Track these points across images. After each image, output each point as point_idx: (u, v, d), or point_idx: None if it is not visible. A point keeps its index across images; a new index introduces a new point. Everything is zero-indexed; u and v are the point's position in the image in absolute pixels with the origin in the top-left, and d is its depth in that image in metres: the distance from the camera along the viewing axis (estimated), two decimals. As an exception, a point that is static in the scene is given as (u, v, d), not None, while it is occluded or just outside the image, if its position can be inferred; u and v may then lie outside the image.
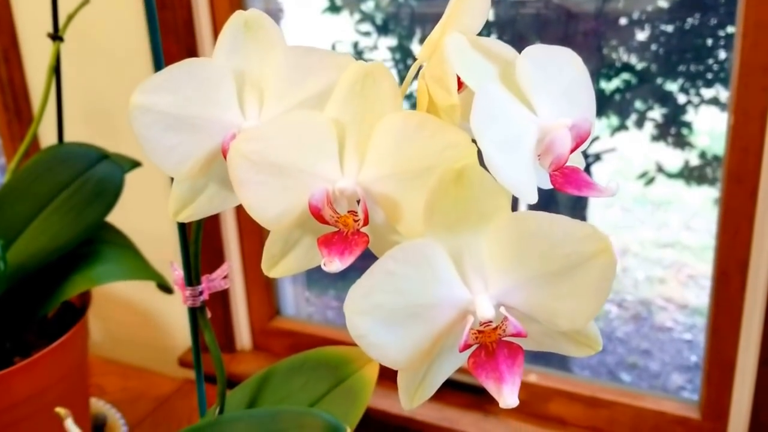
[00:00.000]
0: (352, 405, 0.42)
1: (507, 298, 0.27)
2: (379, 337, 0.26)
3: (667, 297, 2.42)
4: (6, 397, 0.58)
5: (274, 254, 0.32)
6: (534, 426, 0.81)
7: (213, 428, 0.41)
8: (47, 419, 0.63)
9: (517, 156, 0.27)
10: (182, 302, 0.43)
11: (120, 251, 0.67)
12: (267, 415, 0.41)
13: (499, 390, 0.26)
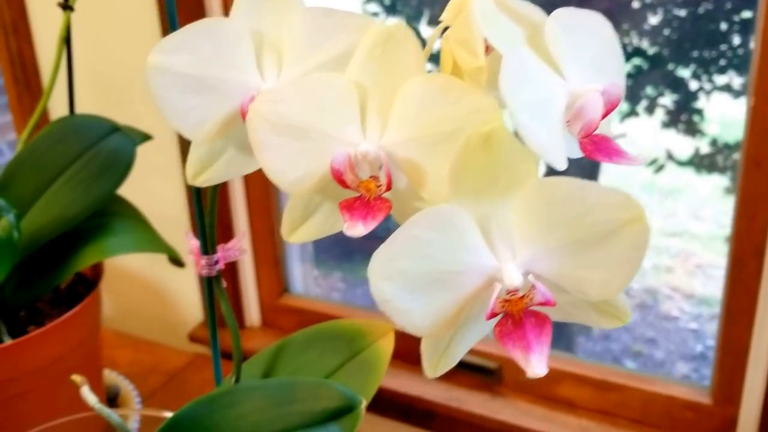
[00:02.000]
0: (368, 377, 0.42)
1: (535, 267, 0.26)
2: (404, 303, 0.25)
3: (674, 286, 2.41)
4: (21, 364, 0.58)
5: (294, 219, 0.31)
6: (542, 408, 0.80)
7: (229, 397, 0.40)
8: (62, 388, 0.62)
9: (547, 120, 0.26)
10: (197, 272, 0.43)
11: (131, 223, 0.66)
12: (282, 386, 0.41)
13: (527, 359, 0.25)
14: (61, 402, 0.62)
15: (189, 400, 0.59)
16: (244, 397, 0.41)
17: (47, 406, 0.62)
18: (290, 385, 0.41)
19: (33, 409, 0.61)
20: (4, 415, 0.60)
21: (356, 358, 0.43)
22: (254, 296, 0.99)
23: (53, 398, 0.62)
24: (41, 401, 0.62)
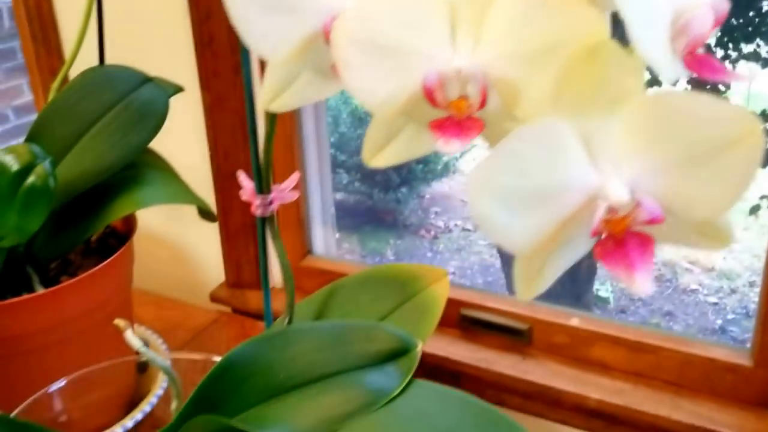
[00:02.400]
0: (422, 321, 0.42)
1: (640, 184, 0.25)
2: (502, 221, 0.25)
3: (693, 259, 2.41)
4: (54, 315, 0.58)
5: (376, 142, 0.30)
6: (574, 369, 0.80)
7: (283, 337, 0.40)
8: (93, 339, 0.63)
9: (657, 31, 0.25)
10: (252, 211, 0.42)
11: (163, 175, 0.66)
12: (336, 327, 0.41)
13: (631, 278, 0.25)
14: (93, 353, 0.62)
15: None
16: (297, 338, 0.41)
17: (78, 356, 0.62)
18: (344, 327, 0.41)
19: (64, 359, 0.61)
20: (34, 365, 0.60)
21: (410, 301, 0.43)
22: (276, 258, 0.99)
23: (84, 349, 0.62)
24: (72, 352, 0.62)
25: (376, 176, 2.83)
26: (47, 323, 0.59)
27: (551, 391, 0.78)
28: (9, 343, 0.58)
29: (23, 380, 0.60)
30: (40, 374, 0.60)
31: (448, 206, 2.90)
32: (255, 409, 0.40)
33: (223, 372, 0.40)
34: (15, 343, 0.59)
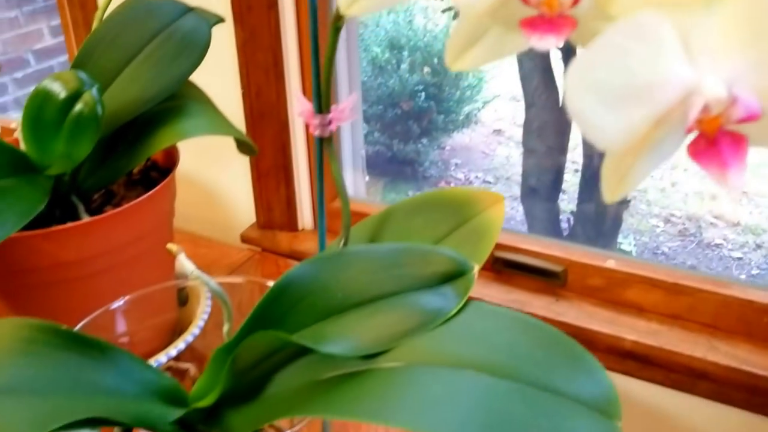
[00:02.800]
0: (478, 245, 0.42)
1: (736, 81, 0.25)
2: (596, 116, 0.25)
3: (718, 214, 2.41)
4: (98, 244, 0.59)
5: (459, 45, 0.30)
6: (608, 312, 0.81)
7: (338, 259, 0.41)
8: (140, 267, 0.64)
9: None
10: (311, 131, 0.43)
11: (203, 107, 0.66)
12: (391, 250, 0.41)
13: (724, 176, 0.25)
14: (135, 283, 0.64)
15: (252, 294, 0.60)
16: (352, 259, 0.42)
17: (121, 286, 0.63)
18: (399, 249, 0.42)
19: (107, 288, 0.63)
20: (78, 292, 0.62)
21: (465, 226, 0.43)
22: (308, 200, 1.00)
23: (127, 279, 0.64)
24: (115, 281, 0.63)
25: (396, 127, 2.82)
26: (92, 252, 0.60)
27: (585, 332, 0.79)
28: (55, 270, 0.60)
29: (68, 307, 0.61)
30: (84, 302, 0.62)
31: (468, 158, 2.89)
32: (313, 327, 0.41)
33: (281, 291, 0.41)
34: (61, 270, 0.60)
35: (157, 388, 0.42)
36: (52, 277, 0.60)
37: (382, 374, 0.37)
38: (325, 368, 0.40)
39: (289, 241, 0.99)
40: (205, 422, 0.43)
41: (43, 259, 0.58)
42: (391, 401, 0.35)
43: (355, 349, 0.38)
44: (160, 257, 0.67)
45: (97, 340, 0.41)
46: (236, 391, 0.42)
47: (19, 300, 0.62)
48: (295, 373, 0.42)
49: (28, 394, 0.37)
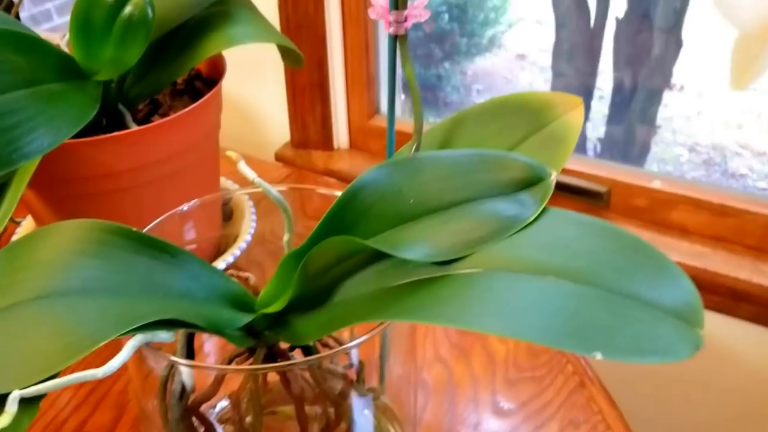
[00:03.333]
0: (555, 151, 0.41)
1: None
2: None
3: (744, 143, 2.37)
4: (150, 153, 0.58)
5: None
6: (652, 233, 0.81)
7: (411, 164, 0.40)
8: (187, 179, 0.63)
9: None
10: (385, 29, 0.41)
11: (250, 14, 0.64)
12: (465, 156, 0.40)
13: None
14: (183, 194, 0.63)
15: (294, 207, 0.59)
16: (425, 165, 0.41)
17: (169, 197, 0.63)
18: (473, 155, 0.41)
19: (155, 199, 0.62)
20: (125, 204, 0.62)
21: (542, 131, 0.42)
22: (344, 118, 0.99)
23: (175, 191, 0.63)
24: (163, 192, 0.63)
25: (418, 50, 2.77)
26: (142, 161, 0.59)
27: (627, 253, 0.78)
28: (104, 180, 0.59)
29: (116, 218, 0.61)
30: (132, 213, 0.62)
31: (490, 83, 2.84)
32: (384, 234, 0.40)
33: (352, 197, 0.40)
34: (110, 180, 0.60)
35: (225, 294, 0.42)
36: (101, 187, 0.60)
37: (460, 279, 0.37)
38: (397, 275, 0.40)
39: (324, 160, 0.98)
40: (271, 328, 0.43)
41: (93, 169, 0.58)
42: (471, 305, 0.35)
43: (431, 255, 0.38)
44: (207, 170, 0.66)
45: (168, 243, 0.40)
46: (304, 297, 0.42)
47: (66, 210, 0.62)
48: (365, 281, 0.41)
49: (103, 295, 0.37)
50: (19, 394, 0.32)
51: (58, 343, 0.34)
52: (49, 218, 0.63)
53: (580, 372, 0.62)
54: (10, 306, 0.35)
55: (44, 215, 0.63)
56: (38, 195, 0.61)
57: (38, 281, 0.36)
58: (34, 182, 0.51)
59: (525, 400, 0.60)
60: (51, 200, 0.61)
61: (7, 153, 0.45)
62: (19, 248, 0.39)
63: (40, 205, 0.62)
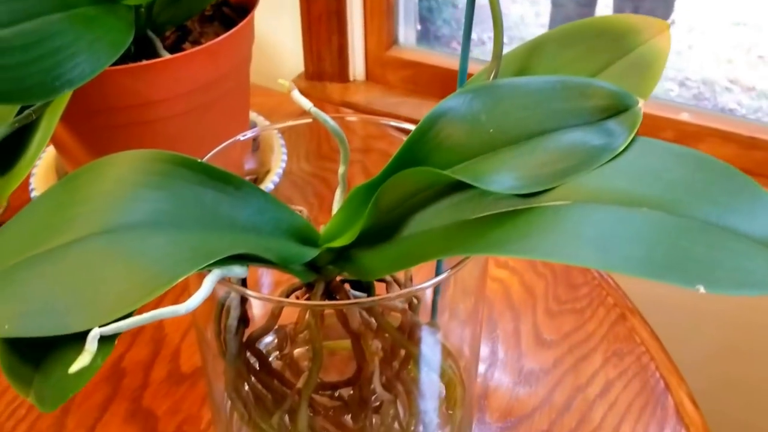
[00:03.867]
0: (641, 78, 0.38)
1: None
2: None
3: (733, 78, 2.35)
4: (182, 82, 0.55)
5: None
6: (678, 166, 0.79)
7: (490, 91, 0.37)
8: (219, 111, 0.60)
9: None
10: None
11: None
12: (546, 83, 0.37)
13: None
14: (215, 128, 0.60)
15: (319, 139, 0.57)
16: (504, 93, 0.38)
17: (201, 129, 0.60)
18: (554, 82, 0.38)
19: (185, 132, 0.59)
20: (159, 136, 0.58)
21: (626, 57, 0.39)
22: (361, 48, 0.95)
23: (208, 123, 0.60)
24: (194, 125, 0.59)
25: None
26: (175, 91, 0.56)
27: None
28: (136, 111, 0.56)
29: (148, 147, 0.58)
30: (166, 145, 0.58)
31: (482, 17, 2.78)
32: (463, 165, 0.38)
33: (428, 127, 0.37)
34: (143, 111, 0.56)
35: (289, 228, 0.40)
36: (133, 118, 0.56)
37: (549, 212, 0.34)
38: (475, 208, 0.37)
39: (339, 92, 0.94)
40: (334, 263, 0.41)
41: (127, 98, 0.54)
42: (564, 238, 0.33)
43: (516, 186, 0.35)
44: (239, 101, 0.63)
45: (233, 175, 0.38)
46: (371, 231, 0.39)
47: (96, 143, 0.59)
48: (438, 214, 0.39)
49: (172, 230, 0.34)
50: (99, 332, 0.29)
51: (134, 280, 0.31)
52: (78, 152, 0.59)
53: (621, 304, 0.61)
54: (77, 240, 0.33)
55: (72, 149, 0.60)
56: (67, 127, 0.58)
57: (103, 215, 0.34)
58: (64, 114, 0.48)
59: (567, 332, 0.58)
60: (80, 133, 0.58)
61: (50, 80, 0.41)
62: (77, 180, 0.36)
63: (69, 137, 0.58)
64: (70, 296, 0.31)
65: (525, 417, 0.52)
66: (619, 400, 0.53)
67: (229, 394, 0.44)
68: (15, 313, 0.30)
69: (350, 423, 0.46)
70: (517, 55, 0.42)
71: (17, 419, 0.52)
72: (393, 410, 0.45)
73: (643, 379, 0.55)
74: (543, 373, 0.55)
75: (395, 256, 0.38)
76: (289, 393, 0.43)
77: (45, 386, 0.33)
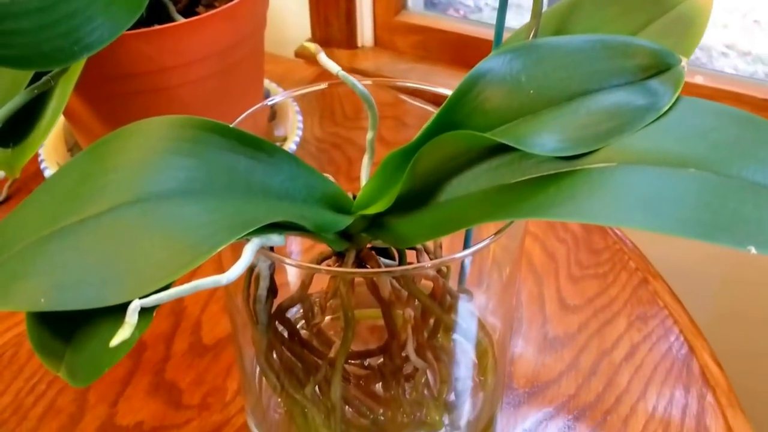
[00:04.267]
0: (683, 36, 0.37)
1: None
2: None
3: (729, 43, 2.33)
4: (196, 47, 0.53)
5: None
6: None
7: (530, 51, 0.35)
8: (232, 78, 0.58)
9: None
10: None
11: None
12: (586, 42, 0.36)
13: None
14: (231, 94, 0.58)
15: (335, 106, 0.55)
16: (544, 52, 0.36)
17: (215, 95, 0.58)
18: (594, 41, 0.36)
19: (199, 100, 0.57)
20: (170, 104, 0.56)
21: (667, 15, 0.38)
22: (369, 14, 0.92)
23: (224, 90, 0.58)
24: (210, 90, 0.57)
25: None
26: (191, 56, 0.54)
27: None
28: (151, 77, 0.54)
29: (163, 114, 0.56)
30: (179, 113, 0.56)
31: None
32: (503, 127, 0.36)
33: (469, 88, 0.35)
34: (157, 78, 0.54)
35: (323, 195, 0.38)
36: (147, 85, 0.54)
37: (594, 174, 0.33)
38: (515, 172, 0.36)
39: (348, 59, 0.92)
40: (367, 230, 0.40)
41: (141, 65, 0.52)
42: (612, 200, 0.31)
43: (560, 148, 0.34)
44: (254, 68, 0.61)
45: (266, 141, 0.36)
46: (405, 197, 0.38)
47: (109, 111, 0.57)
48: (476, 178, 0.37)
49: (207, 198, 0.33)
50: (139, 303, 0.28)
51: (172, 250, 0.30)
52: (90, 121, 0.57)
53: (643, 268, 0.59)
54: (109, 210, 0.31)
55: (84, 118, 0.58)
56: (78, 96, 0.56)
57: (134, 183, 0.32)
58: (76, 82, 0.46)
59: (591, 297, 0.57)
60: (93, 101, 0.56)
61: (69, 45, 0.39)
62: (105, 148, 0.34)
63: (80, 106, 0.56)
64: (106, 268, 0.29)
65: (551, 382, 0.51)
66: (644, 363, 0.52)
67: (260, 364, 0.42)
68: (49, 286, 0.29)
69: (381, 391, 0.44)
70: (554, 15, 0.40)
71: (37, 395, 0.51)
72: (424, 378, 0.43)
73: (668, 343, 0.54)
74: (568, 338, 0.54)
75: (432, 222, 0.37)
76: (320, 363, 0.42)
77: (77, 361, 0.31)
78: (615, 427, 0.48)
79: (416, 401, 0.43)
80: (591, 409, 0.49)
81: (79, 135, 0.63)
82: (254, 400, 0.46)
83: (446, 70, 0.93)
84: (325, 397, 0.42)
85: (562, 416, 0.49)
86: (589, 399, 0.50)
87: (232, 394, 0.51)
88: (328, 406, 0.42)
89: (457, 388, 0.45)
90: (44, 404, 0.50)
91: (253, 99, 0.62)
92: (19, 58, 0.37)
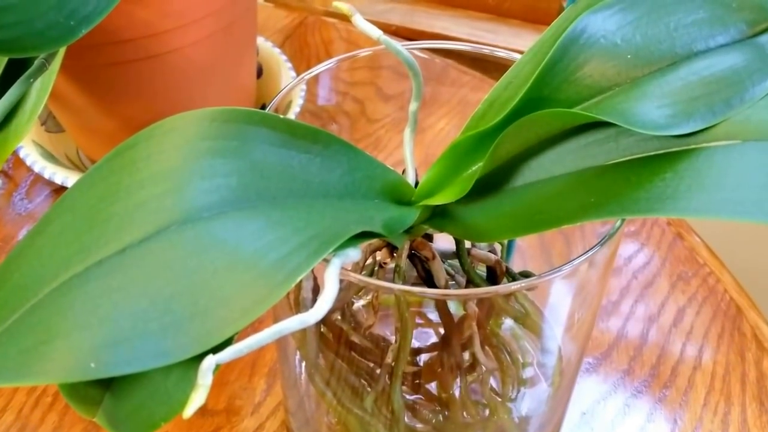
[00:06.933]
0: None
1: None
2: None
3: None
4: (185, 11, 0.45)
5: None
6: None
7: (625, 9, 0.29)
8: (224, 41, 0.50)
9: None
10: None
11: None
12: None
13: None
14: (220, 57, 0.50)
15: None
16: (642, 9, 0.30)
17: (207, 60, 0.50)
18: None
19: (194, 63, 0.49)
20: (166, 72, 0.49)
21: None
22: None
23: (212, 53, 0.50)
24: (201, 55, 0.50)
25: None
26: (185, 18, 0.46)
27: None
28: (142, 44, 0.46)
29: (162, 86, 0.48)
30: (180, 79, 0.49)
31: None
32: (596, 99, 0.30)
33: (561, 56, 0.29)
34: (152, 43, 0.46)
35: (383, 186, 0.32)
36: (141, 51, 0.47)
37: (716, 155, 0.27)
38: (610, 151, 0.30)
39: (322, 0, 0.83)
40: (430, 221, 0.33)
41: (134, 29, 0.44)
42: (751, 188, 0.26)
43: (673, 124, 0.28)
44: (249, 27, 0.53)
45: (320, 130, 0.29)
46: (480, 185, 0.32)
47: (99, 85, 0.48)
48: (561, 160, 0.31)
49: (267, 207, 0.26)
50: (214, 361, 0.22)
51: (240, 282, 0.24)
52: (75, 97, 0.49)
53: (676, 222, 0.55)
54: (153, 235, 0.24)
55: (67, 94, 0.49)
56: (61, 69, 0.47)
57: (179, 198, 0.25)
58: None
59: (627, 256, 0.53)
60: (78, 74, 0.48)
61: (65, 19, 0.31)
62: (135, 152, 0.27)
63: (63, 81, 0.48)
64: (164, 312, 0.23)
65: (604, 356, 0.47)
66: (694, 329, 0.48)
67: (310, 377, 0.37)
68: (99, 344, 0.22)
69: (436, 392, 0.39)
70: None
71: (43, 409, 0.44)
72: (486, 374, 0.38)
73: (714, 303, 0.50)
74: (612, 305, 0.50)
75: (513, 213, 0.31)
76: (375, 369, 0.37)
77: (121, 410, 0.25)
78: (675, 402, 0.44)
79: (482, 402, 0.38)
80: (648, 385, 0.45)
81: (61, 114, 0.55)
82: (296, 403, 0.41)
83: (428, 10, 0.85)
84: (385, 407, 0.37)
85: (620, 393, 0.45)
86: (644, 373, 0.46)
87: (261, 394, 0.45)
88: (387, 416, 0.37)
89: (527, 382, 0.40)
90: (54, 418, 0.44)
91: (250, 60, 0.54)
92: (12, 41, 0.29)
